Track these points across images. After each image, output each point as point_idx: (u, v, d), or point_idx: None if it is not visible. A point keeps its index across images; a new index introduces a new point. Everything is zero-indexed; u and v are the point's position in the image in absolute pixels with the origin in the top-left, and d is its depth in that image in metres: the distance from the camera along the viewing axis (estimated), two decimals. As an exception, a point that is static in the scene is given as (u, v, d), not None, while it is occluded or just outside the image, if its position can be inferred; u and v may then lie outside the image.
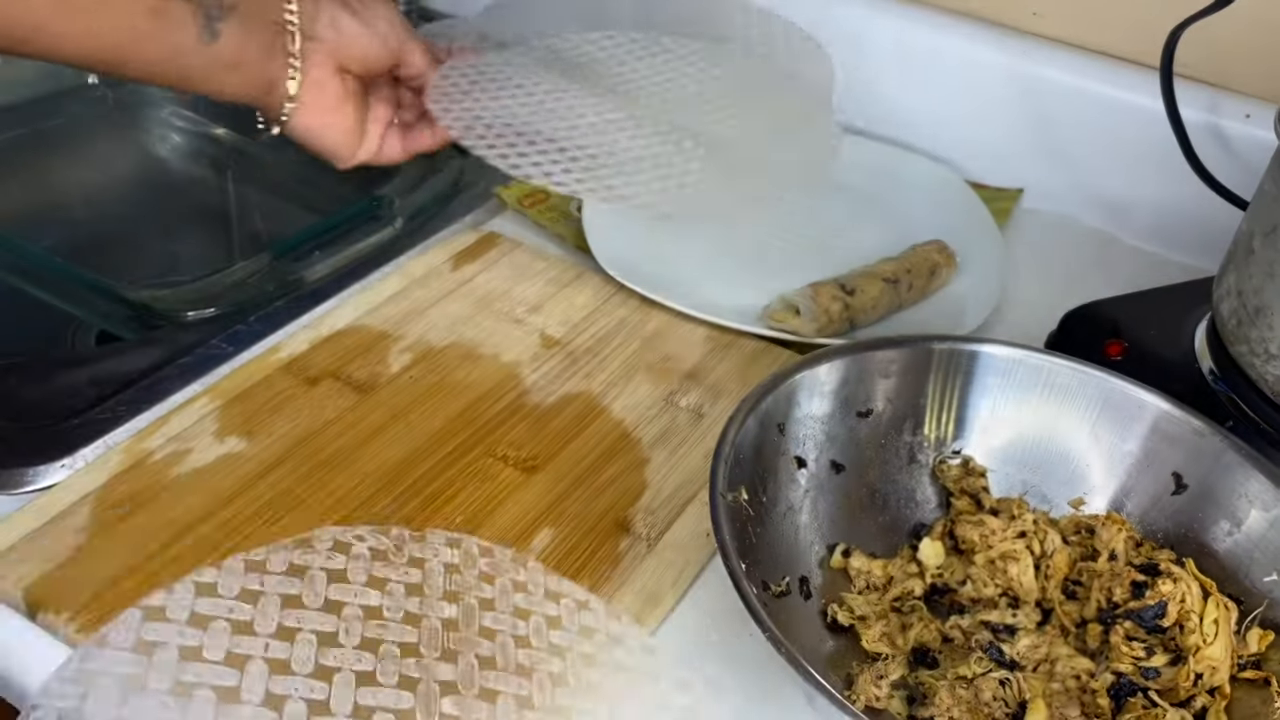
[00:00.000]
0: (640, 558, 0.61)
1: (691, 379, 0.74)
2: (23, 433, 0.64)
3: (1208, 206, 0.86)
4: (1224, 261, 0.71)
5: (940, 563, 0.61)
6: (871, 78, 1.01)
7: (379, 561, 0.55)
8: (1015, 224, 0.95)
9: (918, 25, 0.98)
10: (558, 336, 0.76)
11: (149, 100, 1.09)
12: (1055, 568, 0.59)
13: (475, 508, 0.62)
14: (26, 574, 0.56)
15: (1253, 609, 0.56)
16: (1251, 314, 0.67)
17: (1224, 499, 0.59)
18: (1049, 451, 0.64)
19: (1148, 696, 0.53)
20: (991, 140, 0.98)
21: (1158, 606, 0.55)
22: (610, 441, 0.68)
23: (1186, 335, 0.75)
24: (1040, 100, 0.95)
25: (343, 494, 0.62)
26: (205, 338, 0.72)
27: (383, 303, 0.77)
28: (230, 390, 0.68)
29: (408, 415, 0.68)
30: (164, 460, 0.63)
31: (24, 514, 0.59)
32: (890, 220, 0.91)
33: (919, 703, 0.54)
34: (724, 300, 0.81)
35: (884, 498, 0.64)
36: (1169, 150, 0.85)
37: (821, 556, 0.61)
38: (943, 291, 0.85)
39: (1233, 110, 0.88)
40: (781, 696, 0.56)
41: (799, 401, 0.61)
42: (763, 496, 0.58)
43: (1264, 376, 0.67)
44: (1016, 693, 0.53)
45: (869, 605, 0.58)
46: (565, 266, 0.82)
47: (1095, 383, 0.63)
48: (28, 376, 0.68)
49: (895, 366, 0.63)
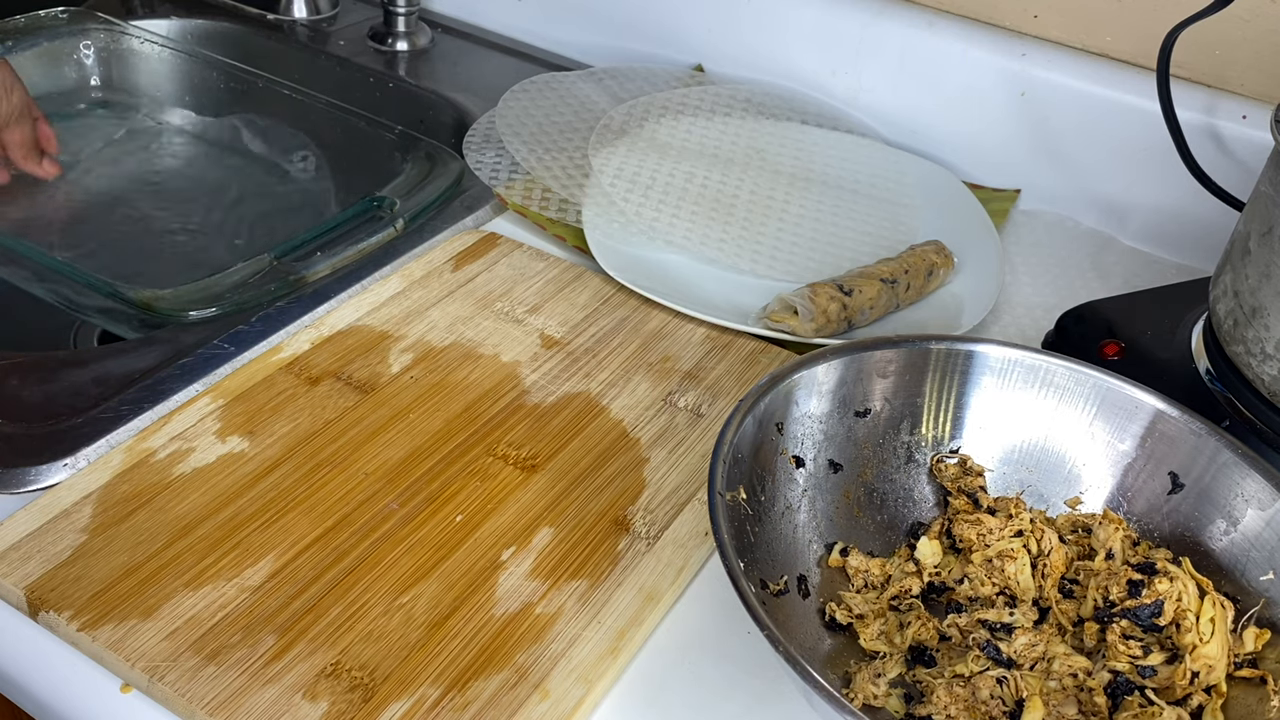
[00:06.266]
0: (639, 556, 0.61)
1: (690, 379, 0.74)
2: (25, 432, 0.64)
3: (1204, 207, 0.86)
4: (1220, 262, 0.72)
5: (938, 561, 0.61)
6: (871, 78, 1.02)
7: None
8: (1013, 225, 0.96)
9: (918, 27, 0.98)
10: (558, 336, 0.76)
11: (149, 100, 1.09)
12: (1052, 566, 0.59)
13: (475, 507, 0.63)
14: (28, 573, 0.56)
15: (1249, 608, 0.57)
16: (1248, 314, 0.67)
17: (1220, 498, 0.59)
18: (1046, 451, 0.64)
19: (1144, 695, 0.53)
20: (989, 141, 0.98)
21: (1154, 605, 0.55)
22: (610, 441, 0.68)
23: (1183, 335, 0.76)
24: (1038, 102, 0.95)
25: (344, 493, 0.62)
26: (207, 338, 0.72)
27: (383, 303, 0.77)
28: (232, 390, 0.68)
29: (408, 415, 0.68)
30: (166, 460, 0.63)
31: (26, 513, 0.59)
32: (888, 220, 0.92)
33: (916, 701, 0.55)
34: (722, 300, 0.81)
35: (882, 497, 0.64)
36: (1166, 151, 0.85)
37: (820, 555, 0.61)
38: (940, 292, 0.85)
39: (1229, 111, 0.88)
40: (780, 695, 0.56)
41: (797, 401, 0.61)
42: (761, 495, 0.58)
43: (1260, 376, 0.67)
44: (1014, 691, 0.53)
45: (867, 604, 0.59)
46: (565, 267, 0.83)
47: (1092, 382, 0.63)
48: (30, 376, 0.68)
49: (893, 366, 0.64)
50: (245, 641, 0.54)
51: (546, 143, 0.95)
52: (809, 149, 0.98)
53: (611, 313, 0.79)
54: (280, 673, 0.53)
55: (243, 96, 1.05)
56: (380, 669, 0.54)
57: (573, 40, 1.14)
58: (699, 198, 0.90)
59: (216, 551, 0.58)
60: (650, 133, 0.96)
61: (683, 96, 1.02)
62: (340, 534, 0.60)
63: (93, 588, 0.56)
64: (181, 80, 1.08)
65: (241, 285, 0.76)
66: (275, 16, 1.14)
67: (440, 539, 0.61)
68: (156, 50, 1.08)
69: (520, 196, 0.89)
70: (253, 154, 1.06)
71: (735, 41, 1.06)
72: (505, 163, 0.93)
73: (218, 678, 0.53)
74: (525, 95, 1.01)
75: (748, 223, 0.89)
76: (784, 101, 1.04)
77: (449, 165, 0.90)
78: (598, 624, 0.57)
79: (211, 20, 1.14)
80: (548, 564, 0.60)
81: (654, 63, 1.10)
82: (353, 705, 0.52)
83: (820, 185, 0.95)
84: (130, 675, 0.53)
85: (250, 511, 0.61)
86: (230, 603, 0.56)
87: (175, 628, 0.54)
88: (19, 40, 1.03)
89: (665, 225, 0.86)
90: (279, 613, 0.56)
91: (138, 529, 0.59)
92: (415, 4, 1.12)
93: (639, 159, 0.92)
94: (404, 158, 0.93)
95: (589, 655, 0.56)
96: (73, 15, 1.08)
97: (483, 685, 0.54)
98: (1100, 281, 0.90)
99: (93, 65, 1.09)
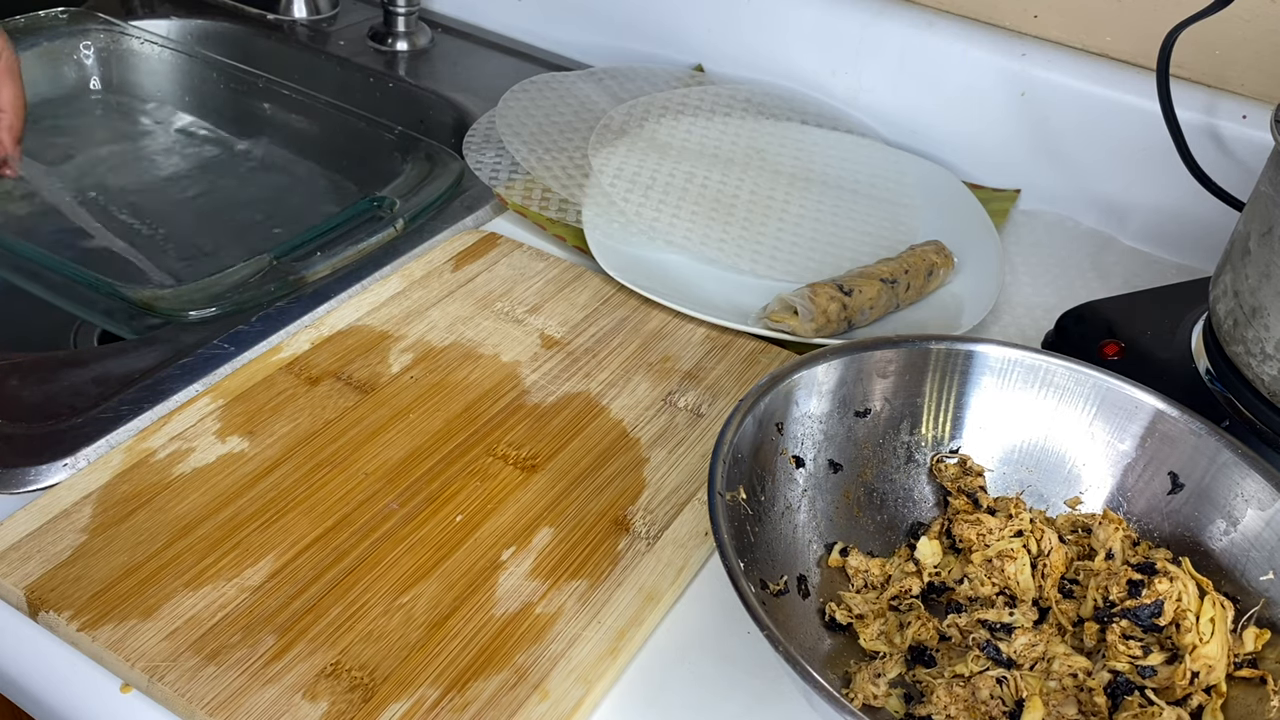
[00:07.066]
0: (639, 556, 0.61)
1: (690, 379, 0.74)
2: (25, 432, 0.64)
3: (1204, 207, 0.86)
4: (1220, 262, 0.72)
5: (938, 561, 0.61)
6: (871, 78, 1.02)
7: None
8: (1013, 224, 0.96)
9: (918, 27, 0.98)
10: (558, 336, 0.76)
11: (149, 101, 1.09)
12: (1052, 566, 0.59)
13: (475, 507, 0.63)
14: (28, 573, 0.56)
15: (1249, 608, 0.57)
16: (1248, 314, 0.67)
17: (1220, 498, 0.59)
18: (1046, 451, 0.64)
19: (1144, 695, 0.53)
20: (989, 141, 0.98)
21: (1154, 605, 0.55)
22: (609, 441, 0.68)
23: (1183, 335, 0.76)
24: (1038, 102, 0.95)
25: (344, 493, 0.62)
26: (207, 338, 0.72)
27: (383, 303, 0.77)
28: (232, 390, 0.68)
29: (408, 415, 0.68)
30: (166, 460, 0.63)
31: (26, 513, 0.59)
32: (888, 220, 0.92)
33: (916, 701, 0.55)
34: (722, 300, 0.81)
35: (881, 497, 0.64)
36: (1166, 151, 0.85)
37: (819, 555, 0.61)
38: (940, 292, 0.85)
39: (1229, 111, 0.88)
40: (780, 695, 0.56)
41: (797, 401, 0.61)
42: (761, 495, 0.58)
43: (1260, 376, 0.67)
44: (1014, 691, 0.53)
45: (867, 604, 0.59)
46: (565, 266, 0.83)
47: (1092, 382, 0.63)
48: (30, 376, 0.68)
49: (893, 366, 0.64)
50: (245, 641, 0.54)
51: (546, 143, 0.95)
52: (809, 149, 0.98)
53: (611, 313, 0.79)
54: (280, 673, 0.53)
55: (243, 97, 1.05)
56: (380, 669, 0.54)
57: (573, 40, 1.14)
58: (699, 198, 0.90)
59: (216, 551, 0.58)
60: (650, 133, 0.96)
61: (683, 96, 1.02)
62: (340, 534, 0.60)
63: (93, 588, 0.56)
64: (181, 80, 1.08)
65: (241, 285, 0.76)
66: (275, 16, 1.15)
67: (440, 539, 0.61)
68: (156, 50, 1.08)
69: (520, 196, 0.89)
70: (252, 154, 1.06)
71: (735, 41, 1.06)
72: (505, 163, 0.93)
73: (218, 678, 0.53)
74: (525, 95, 1.01)
75: (748, 223, 0.89)
76: (784, 101, 1.04)
77: (449, 165, 0.90)
78: (598, 624, 0.57)
79: (211, 20, 1.14)
80: (548, 564, 0.60)
81: (654, 63, 1.10)
82: (353, 705, 0.52)
83: (820, 185, 0.95)
84: (130, 675, 0.53)
85: (250, 511, 0.61)
86: (230, 603, 0.56)
87: (175, 628, 0.54)
88: (19, 40, 1.03)
89: (665, 225, 0.86)
90: (279, 613, 0.56)
91: (138, 529, 0.59)
92: (415, 4, 1.12)
93: (639, 159, 0.92)
94: (404, 158, 0.93)
95: (589, 655, 0.56)
96: (73, 15, 1.08)
97: (482, 685, 0.54)
98: (1100, 281, 0.90)
99: (93, 65, 1.09)
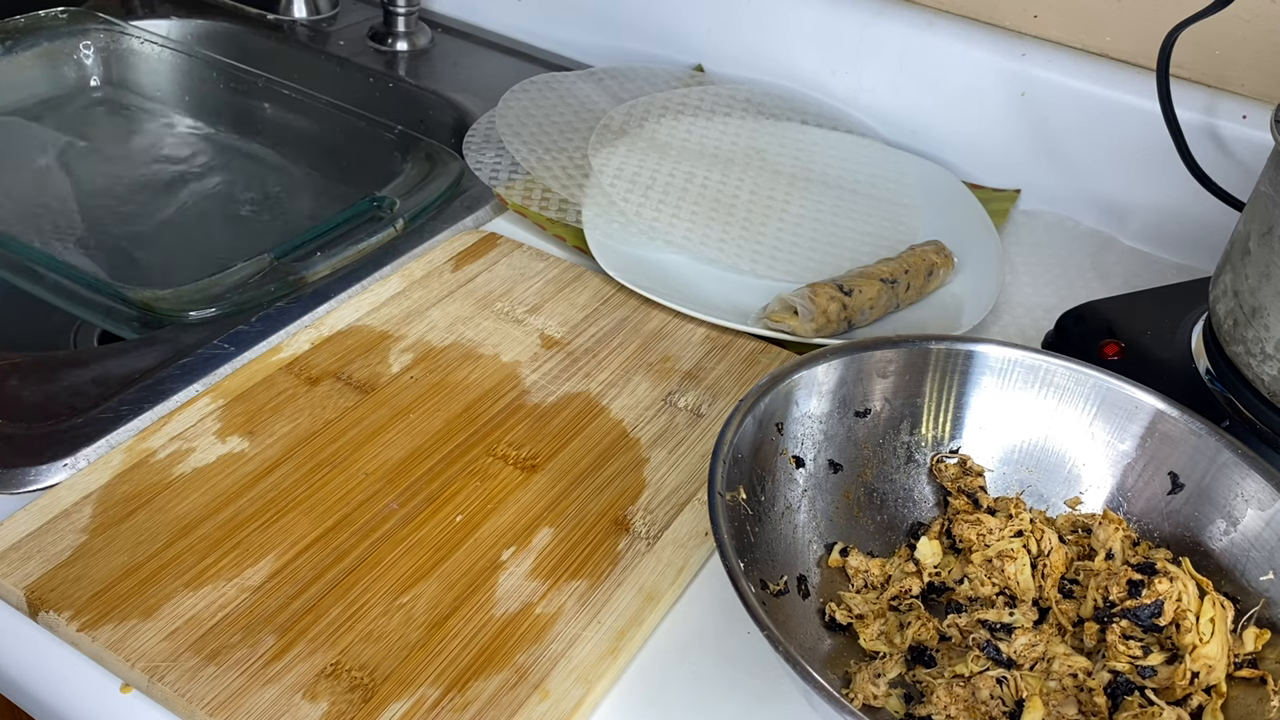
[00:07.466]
0: (639, 556, 0.61)
1: (690, 379, 0.74)
2: (25, 432, 0.64)
3: (1204, 207, 0.86)
4: (1220, 262, 0.72)
5: (938, 561, 0.61)
6: (871, 78, 1.02)
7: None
8: (1013, 225, 0.96)
9: (918, 27, 0.98)
10: (558, 336, 0.76)
11: (149, 101, 1.09)
12: (1052, 566, 0.59)
13: (475, 507, 0.63)
14: (28, 573, 0.56)
15: (1249, 608, 0.57)
16: (1248, 314, 0.67)
17: (1220, 498, 0.59)
18: (1046, 451, 0.64)
19: (1144, 695, 0.53)
20: (989, 141, 0.98)
21: (1154, 605, 0.55)
22: (609, 441, 0.68)
23: (1183, 335, 0.76)
24: (1038, 102, 0.95)
25: (344, 493, 0.62)
26: (207, 338, 0.72)
27: (383, 303, 0.77)
28: (232, 390, 0.68)
29: (408, 415, 0.68)
30: (166, 460, 0.63)
31: (26, 513, 0.59)
32: (888, 220, 0.92)
33: (916, 701, 0.55)
34: (722, 300, 0.81)
35: (881, 497, 0.64)
36: (1166, 151, 0.85)
37: (819, 555, 0.61)
38: (940, 292, 0.85)
39: (1229, 111, 0.88)
40: (780, 695, 0.56)
41: (797, 401, 0.61)
42: (761, 495, 0.58)
43: (1260, 376, 0.67)
44: (1014, 691, 0.53)
45: (867, 604, 0.59)
46: (565, 266, 0.83)
47: (1092, 383, 0.63)
48: (30, 376, 0.68)
49: (893, 366, 0.64)
50: (245, 641, 0.54)
51: (546, 143, 0.95)
52: (809, 149, 0.98)
53: (611, 313, 0.79)
54: (280, 673, 0.53)
55: (243, 96, 1.05)
56: (380, 669, 0.54)
57: (573, 40, 1.14)
58: (699, 198, 0.90)
59: (216, 551, 0.58)
60: (650, 133, 0.96)
61: (683, 96, 1.02)
62: (340, 534, 0.60)
63: (93, 588, 0.56)
64: (181, 80, 1.08)
65: (241, 285, 0.76)
66: (275, 16, 1.15)
67: (440, 539, 0.61)
68: (156, 50, 1.08)
69: (520, 196, 0.89)
70: (253, 154, 1.06)
71: (735, 41, 1.06)
72: (505, 163, 0.93)
73: (218, 678, 0.53)
74: (525, 95, 1.01)
75: (748, 223, 0.89)
76: (784, 101, 1.04)
77: (449, 165, 0.90)
78: (598, 624, 0.57)
79: (211, 20, 1.14)
80: (548, 564, 0.60)
81: (654, 63, 1.10)
82: (353, 705, 0.52)
83: (820, 185, 0.95)
84: (130, 675, 0.53)
85: (250, 511, 0.61)
86: (230, 603, 0.56)
87: (175, 628, 0.54)
88: (19, 40, 1.04)
89: (665, 225, 0.86)
90: (279, 613, 0.56)
91: (138, 529, 0.59)
92: (415, 4, 1.12)
93: (639, 159, 0.92)
94: (404, 158, 0.93)
95: (589, 655, 0.56)
96: (73, 15, 1.08)
97: (483, 685, 0.54)
98: (1100, 281, 0.90)
99: (93, 65, 1.09)
